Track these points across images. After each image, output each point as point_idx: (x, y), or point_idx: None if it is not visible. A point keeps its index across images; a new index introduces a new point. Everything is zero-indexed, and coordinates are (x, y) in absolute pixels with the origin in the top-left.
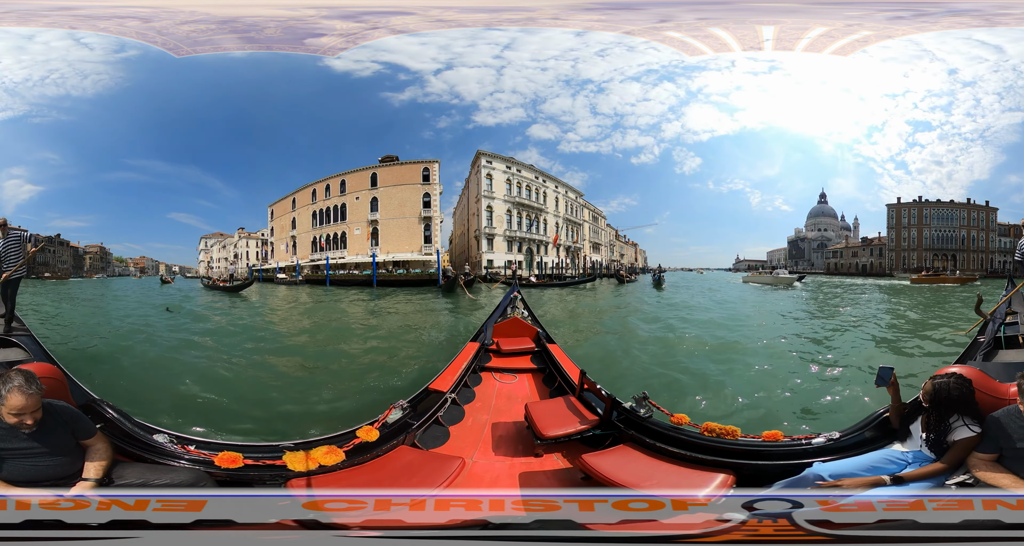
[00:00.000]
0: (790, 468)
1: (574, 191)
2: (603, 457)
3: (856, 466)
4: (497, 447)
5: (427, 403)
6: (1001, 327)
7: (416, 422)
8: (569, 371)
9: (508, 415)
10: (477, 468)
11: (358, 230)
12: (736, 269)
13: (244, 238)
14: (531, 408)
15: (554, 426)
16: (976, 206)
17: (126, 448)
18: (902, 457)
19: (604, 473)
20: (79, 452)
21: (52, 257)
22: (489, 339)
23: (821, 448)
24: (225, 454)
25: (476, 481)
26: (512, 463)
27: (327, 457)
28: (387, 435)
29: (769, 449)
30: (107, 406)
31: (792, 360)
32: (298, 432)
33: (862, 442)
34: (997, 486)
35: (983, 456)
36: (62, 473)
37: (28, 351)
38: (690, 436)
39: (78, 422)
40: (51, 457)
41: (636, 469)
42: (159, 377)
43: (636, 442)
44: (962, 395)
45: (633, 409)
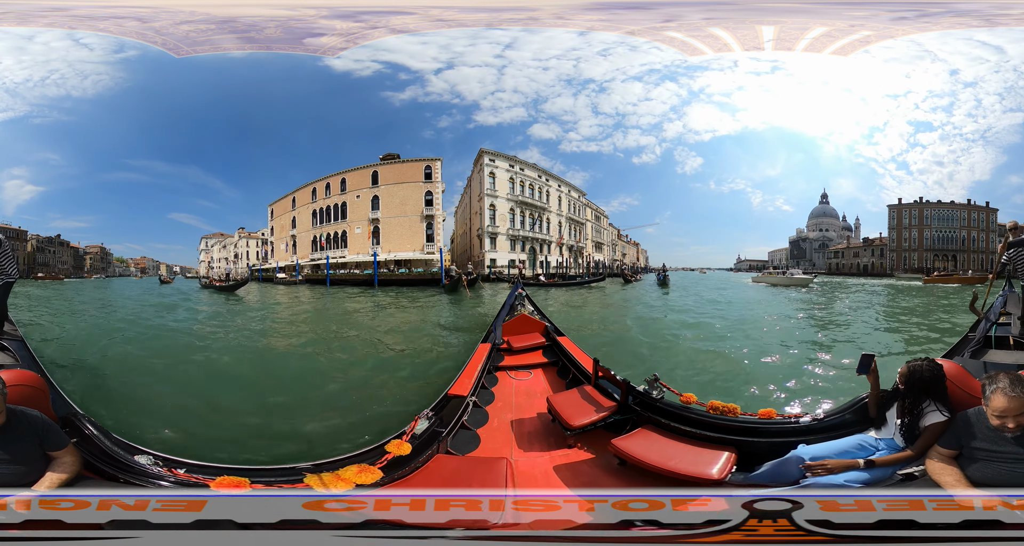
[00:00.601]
0: (780, 446)
1: (577, 190)
2: (631, 440)
3: (832, 450)
4: (530, 443)
5: (451, 409)
6: (993, 327)
7: (445, 429)
8: (582, 361)
9: (530, 411)
10: (522, 466)
11: (359, 229)
12: (737, 269)
13: (244, 238)
14: (553, 401)
15: (579, 416)
16: (976, 207)
17: (99, 467)
18: (874, 443)
19: (637, 455)
20: (44, 463)
21: (52, 257)
22: (499, 338)
23: (807, 427)
24: (225, 479)
25: (528, 479)
26: (551, 456)
27: (361, 476)
28: (419, 446)
29: (764, 426)
30: (87, 421)
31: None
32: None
33: (842, 424)
34: (938, 482)
35: (942, 451)
36: (17, 481)
37: (16, 357)
38: (699, 415)
39: (49, 433)
40: (10, 464)
41: (660, 449)
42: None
43: (653, 423)
44: (935, 379)
45: (647, 391)
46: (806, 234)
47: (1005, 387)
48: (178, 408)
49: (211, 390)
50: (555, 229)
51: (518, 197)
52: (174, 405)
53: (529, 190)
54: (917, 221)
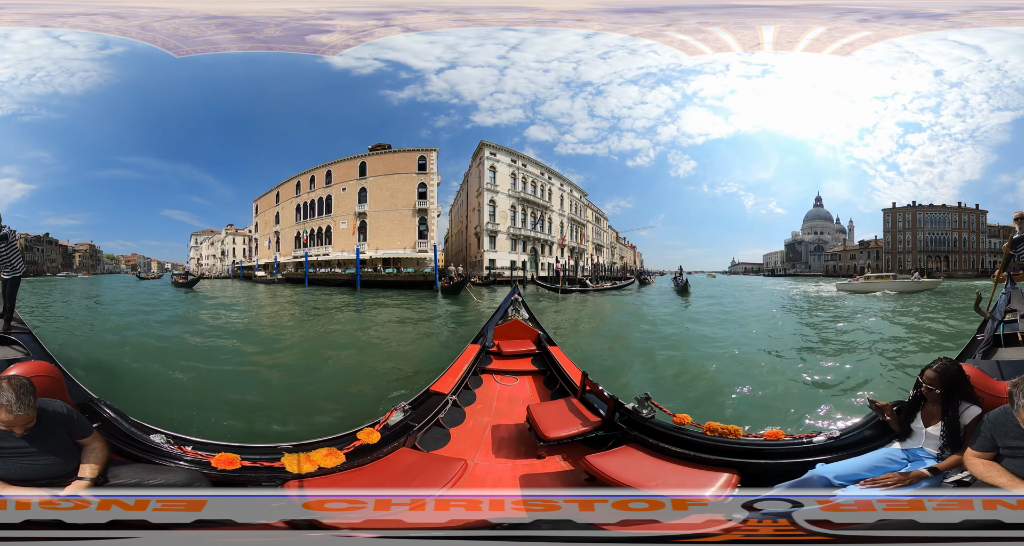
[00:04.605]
0: (793, 467)
1: (579, 190)
2: (607, 458)
3: (859, 466)
4: (499, 449)
5: (428, 405)
6: (1000, 325)
7: (417, 424)
8: (570, 373)
9: (509, 417)
10: (479, 470)
11: (344, 223)
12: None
13: (231, 235)
14: (533, 410)
15: (556, 428)
16: (967, 209)
17: (123, 448)
18: (904, 456)
19: (608, 473)
20: (75, 451)
21: (41, 256)
22: (490, 341)
23: (822, 447)
24: (222, 455)
25: (478, 482)
26: (514, 465)
27: (327, 459)
28: (388, 437)
29: (771, 448)
30: (104, 405)
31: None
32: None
33: (861, 440)
34: (994, 485)
35: (980, 454)
36: (57, 472)
37: (27, 349)
38: (693, 436)
39: (75, 422)
40: (45, 456)
41: (640, 469)
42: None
43: (639, 443)
44: (963, 376)
45: (636, 410)
46: (801, 237)
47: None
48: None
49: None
50: (557, 229)
51: (520, 194)
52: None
53: (531, 187)
54: (911, 224)
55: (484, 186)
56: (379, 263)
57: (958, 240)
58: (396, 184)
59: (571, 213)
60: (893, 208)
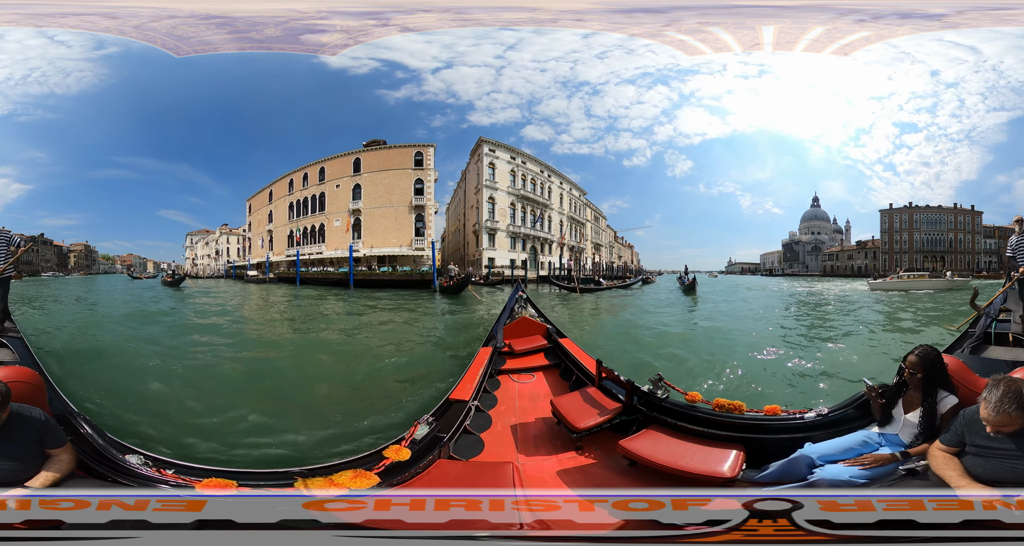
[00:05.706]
0: (787, 443)
1: (578, 189)
2: (638, 441)
3: (838, 447)
4: (536, 447)
5: (452, 414)
6: (993, 323)
7: (446, 435)
8: (584, 362)
9: (534, 414)
10: (528, 469)
11: (338, 221)
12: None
13: (225, 234)
14: (557, 403)
15: (585, 418)
16: (962, 210)
17: (91, 465)
18: (878, 440)
19: (646, 455)
20: (40, 461)
21: (36, 256)
22: (501, 342)
23: (812, 423)
24: (212, 481)
25: (535, 482)
26: (559, 459)
27: (356, 481)
28: (420, 451)
29: (770, 423)
30: (82, 420)
31: None
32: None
33: (846, 418)
34: (941, 477)
35: (944, 448)
36: (13, 478)
37: (15, 353)
38: (705, 413)
39: (49, 431)
40: (9, 461)
41: (668, 449)
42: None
43: (659, 423)
44: (943, 365)
45: (651, 391)
46: (799, 237)
47: (992, 400)
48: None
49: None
50: (556, 228)
51: (519, 191)
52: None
53: (531, 185)
54: (907, 225)
55: (483, 183)
56: (374, 261)
57: (954, 240)
58: (392, 180)
59: (571, 212)
60: (890, 209)
